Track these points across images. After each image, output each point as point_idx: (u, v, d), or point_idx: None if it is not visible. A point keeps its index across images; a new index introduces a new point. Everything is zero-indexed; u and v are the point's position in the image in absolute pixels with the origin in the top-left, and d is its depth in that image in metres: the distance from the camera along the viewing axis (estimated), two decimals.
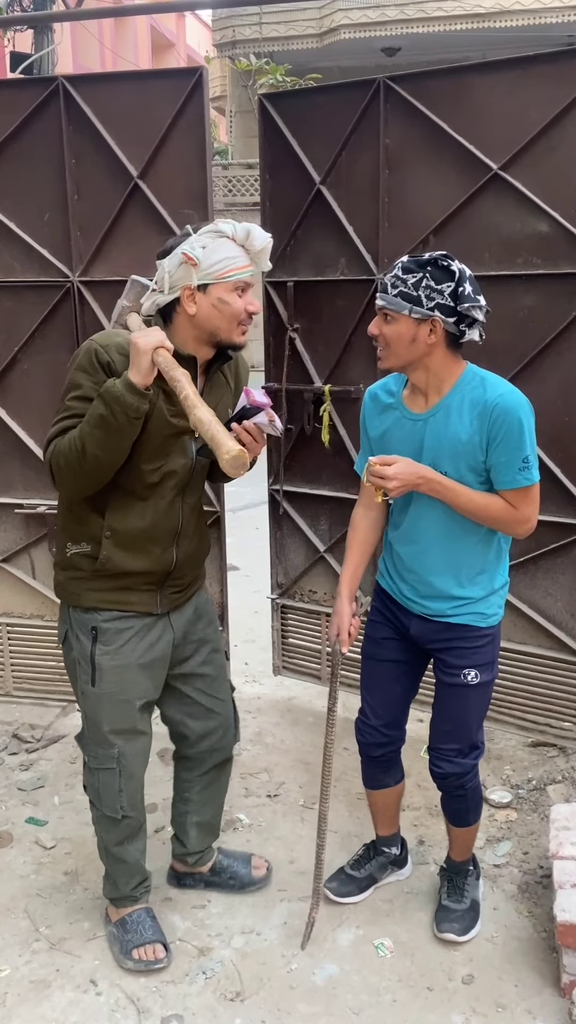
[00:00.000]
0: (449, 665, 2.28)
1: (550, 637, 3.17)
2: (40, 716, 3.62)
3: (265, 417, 1.99)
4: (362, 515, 2.37)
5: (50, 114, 3.18)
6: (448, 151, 2.98)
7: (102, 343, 2.01)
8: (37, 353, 3.38)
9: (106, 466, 2.00)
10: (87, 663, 2.20)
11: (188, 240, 2.00)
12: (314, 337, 3.40)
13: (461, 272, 2.01)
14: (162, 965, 2.32)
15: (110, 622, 2.19)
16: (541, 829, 2.83)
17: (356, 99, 3.10)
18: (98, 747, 2.27)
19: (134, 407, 1.91)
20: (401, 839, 2.68)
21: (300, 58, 14.37)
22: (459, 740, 2.31)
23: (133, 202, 3.19)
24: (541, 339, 2.95)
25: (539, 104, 2.82)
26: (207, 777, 2.51)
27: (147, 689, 2.27)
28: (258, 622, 4.18)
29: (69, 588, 2.21)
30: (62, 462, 2.00)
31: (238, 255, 1.99)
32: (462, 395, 2.09)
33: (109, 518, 2.11)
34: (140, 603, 2.20)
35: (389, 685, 2.41)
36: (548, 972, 2.29)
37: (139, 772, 2.33)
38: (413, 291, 2.00)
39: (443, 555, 2.20)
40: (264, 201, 3.40)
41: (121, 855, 2.36)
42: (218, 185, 13.63)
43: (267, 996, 2.25)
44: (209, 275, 1.98)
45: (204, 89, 3.06)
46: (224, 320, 2.02)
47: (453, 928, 2.41)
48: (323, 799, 2.42)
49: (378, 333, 2.09)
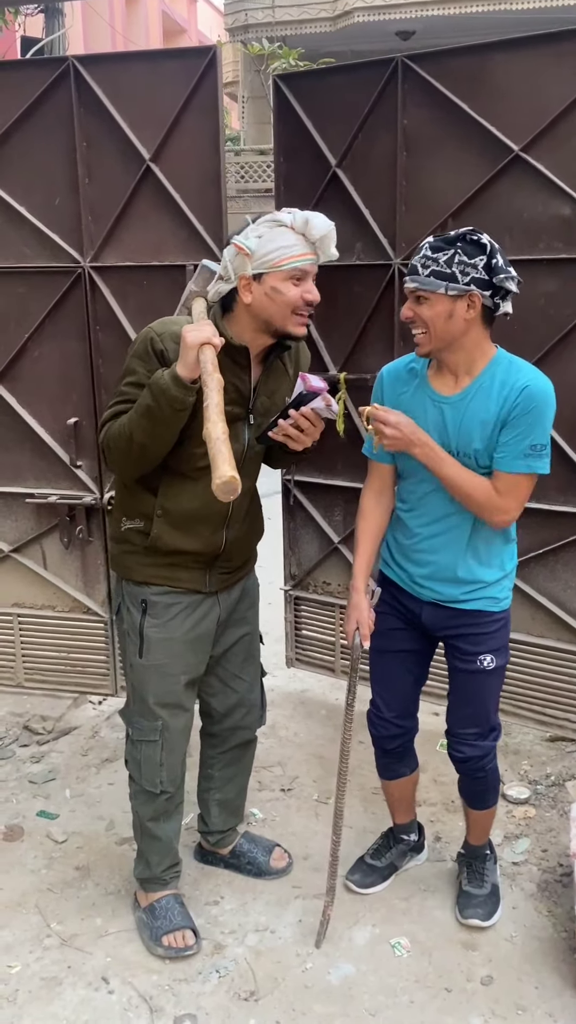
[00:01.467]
0: (464, 652, 2.26)
1: (570, 630, 3.11)
2: (51, 708, 3.59)
3: (322, 402, 1.98)
4: (373, 501, 2.33)
5: (60, 96, 3.11)
6: (468, 132, 2.90)
7: (158, 331, 2.05)
8: (48, 340, 3.32)
9: (152, 453, 2.06)
10: (136, 635, 2.26)
11: (245, 230, 2.01)
12: (329, 324, 3.33)
13: (492, 245, 1.99)
14: (192, 952, 2.32)
15: (160, 596, 2.23)
16: (560, 826, 2.77)
17: (373, 79, 3.02)
18: (143, 719, 2.30)
19: (180, 400, 1.94)
20: (418, 824, 2.67)
21: (313, 42, 14.18)
22: (479, 724, 2.31)
23: (145, 185, 3.12)
24: (563, 325, 2.87)
25: (562, 83, 2.74)
26: (229, 755, 2.55)
27: (191, 665, 2.30)
28: (271, 614, 4.12)
29: (122, 561, 2.27)
30: (112, 446, 2.08)
31: (295, 243, 1.98)
32: (492, 376, 2.07)
33: (161, 497, 2.16)
34: (190, 580, 2.24)
35: (400, 676, 2.39)
36: (569, 973, 2.24)
37: (180, 748, 2.35)
38: (447, 268, 1.97)
39: (463, 534, 2.18)
40: (278, 184, 3.33)
41: (155, 831, 2.38)
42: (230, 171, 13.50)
43: (282, 996, 2.21)
44: (264, 264, 1.98)
45: (218, 69, 2.98)
46: (278, 309, 2.01)
47: (477, 913, 2.40)
48: (339, 795, 2.38)
49: (413, 316, 2.05)
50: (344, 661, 3.58)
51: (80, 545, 3.47)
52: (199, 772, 2.61)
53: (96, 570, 3.50)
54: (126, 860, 2.72)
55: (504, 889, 2.53)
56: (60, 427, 3.37)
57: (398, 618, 2.34)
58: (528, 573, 3.13)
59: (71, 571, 3.53)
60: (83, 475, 3.39)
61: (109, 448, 2.10)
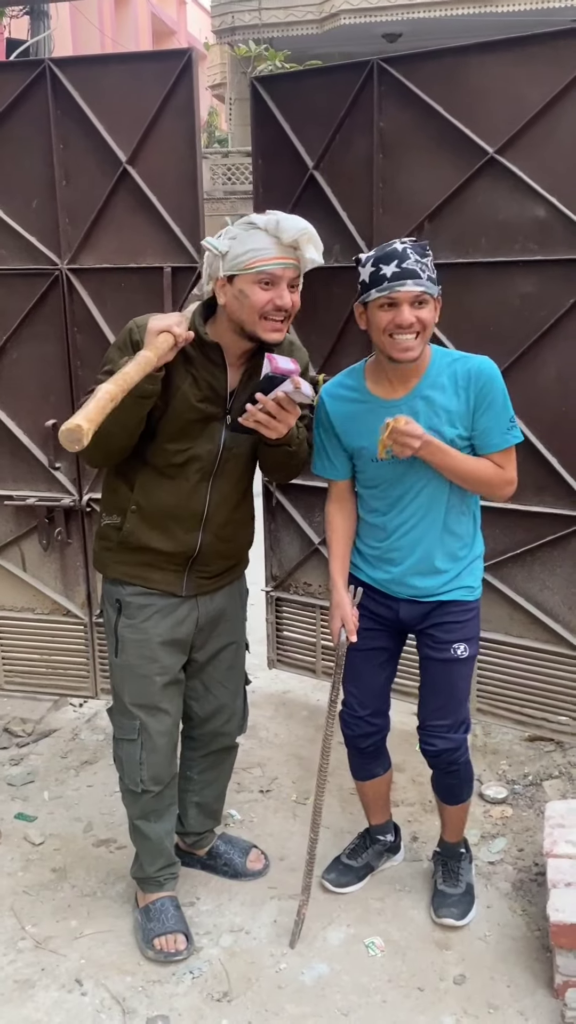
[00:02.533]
0: (438, 640, 2.30)
1: (547, 631, 3.12)
2: (31, 710, 3.58)
3: (290, 384, 1.93)
4: (336, 509, 2.38)
5: (37, 98, 3.11)
6: (443, 134, 2.91)
7: (139, 323, 2.06)
8: (26, 342, 3.32)
9: (116, 440, 2.04)
10: (112, 634, 2.28)
11: (222, 231, 2.02)
12: (308, 325, 3.32)
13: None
14: (181, 957, 2.32)
15: (133, 596, 2.24)
16: (537, 825, 2.78)
17: (349, 82, 3.03)
18: (122, 717, 2.33)
19: (139, 386, 1.92)
20: (394, 825, 2.69)
21: (300, 44, 14.22)
22: (450, 715, 2.33)
23: (122, 188, 3.12)
24: (538, 326, 2.88)
25: (537, 86, 2.75)
26: (208, 760, 2.55)
27: (166, 667, 2.29)
28: (253, 615, 4.12)
29: (99, 558, 2.30)
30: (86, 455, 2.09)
31: (267, 247, 1.96)
32: (439, 371, 2.15)
33: (136, 493, 2.17)
34: (163, 582, 2.23)
35: (373, 674, 2.42)
36: (541, 972, 2.25)
37: (164, 749, 2.34)
38: (433, 273, 2.07)
39: (435, 528, 2.23)
40: (257, 186, 3.34)
41: (145, 830, 2.39)
42: (218, 173, 13.52)
43: (254, 996, 2.21)
44: (235, 266, 1.98)
45: (194, 71, 2.98)
46: (245, 312, 2.00)
47: (452, 913, 2.41)
48: (319, 792, 2.39)
49: (415, 321, 2.05)
50: (325, 662, 3.59)
51: (59, 547, 3.46)
52: (179, 773, 2.59)
53: (75, 572, 3.49)
54: (103, 862, 2.72)
55: (479, 888, 2.54)
56: (38, 429, 3.37)
57: (370, 618, 2.36)
58: (506, 573, 3.14)
59: (50, 573, 3.53)
60: (62, 477, 3.39)
61: (89, 455, 2.11)
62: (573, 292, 2.81)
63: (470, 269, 2.94)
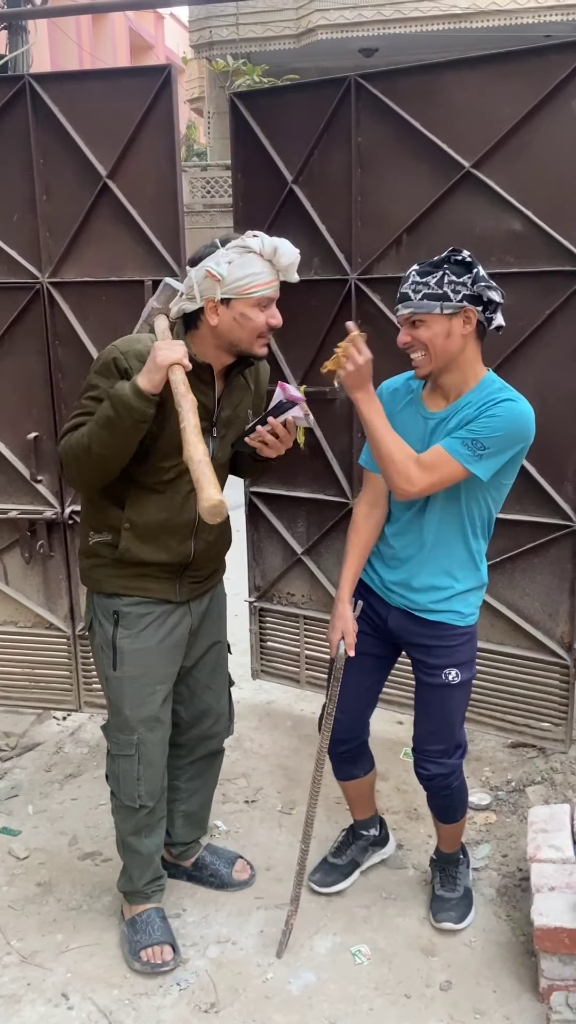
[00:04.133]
0: (430, 666, 2.29)
1: (528, 637, 3.15)
2: (14, 724, 3.56)
3: (300, 411, 2.05)
4: (366, 513, 2.36)
5: (17, 113, 3.13)
6: (420, 149, 2.96)
7: (123, 350, 2.09)
8: (7, 355, 3.32)
9: (110, 464, 2.08)
10: (109, 647, 2.26)
11: (215, 255, 2.04)
12: (289, 338, 3.36)
13: (474, 261, 2.08)
14: (168, 968, 2.32)
15: (131, 607, 2.25)
16: (520, 831, 2.80)
17: (327, 97, 3.07)
18: (120, 732, 2.31)
19: (140, 411, 1.98)
20: (379, 819, 2.70)
21: (278, 59, 14.31)
22: (444, 740, 2.33)
23: (103, 202, 3.14)
24: (515, 338, 2.92)
25: (511, 101, 2.80)
26: (196, 766, 2.56)
27: (167, 675, 2.32)
28: (236, 625, 4.12)
29: (92, 575, 2.29)
30: (70, 456, 2.10)
31: (263, 271, 2.03)
32: (480, 395, 2.13)
33: (128, 510, 2.18)
34: (160, 590, 2.25)
35: (358, 679, 2.41)
36: (526, 977, 2.27)
37: (159, 762, 2.36)
38: (438, 289, 2.05)
39: (439, 544, 2.23)
40: (237, 201, 3.37)
41: (136, 846, 2.38)
42: (197, 186, 13.57)
43: (242, 1007, 2.21)
44: (232, 290, 2.03)
45: (173, 87, 3.01)
46: (245, 333, 2.08)
47: (450, 917, 2.43)
48: (311, 803, 2.40)
49: (410, 340, 2.11)
50: (309, 672, 3.60)
51: (41, 560, 3.46)
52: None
53: (58, 585, 3.49)
54: (88, 875, 2.71)
55: None
56: (20, 442, 3.37)
57: (366, 623, 2.38)
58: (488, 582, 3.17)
59: (33, 586, 3.52)
60: (44, 490, 3.39)
61: (67, 459, 2.12)
62: (550, 304, 2.86)
63: None
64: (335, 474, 3.36)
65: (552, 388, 2.90)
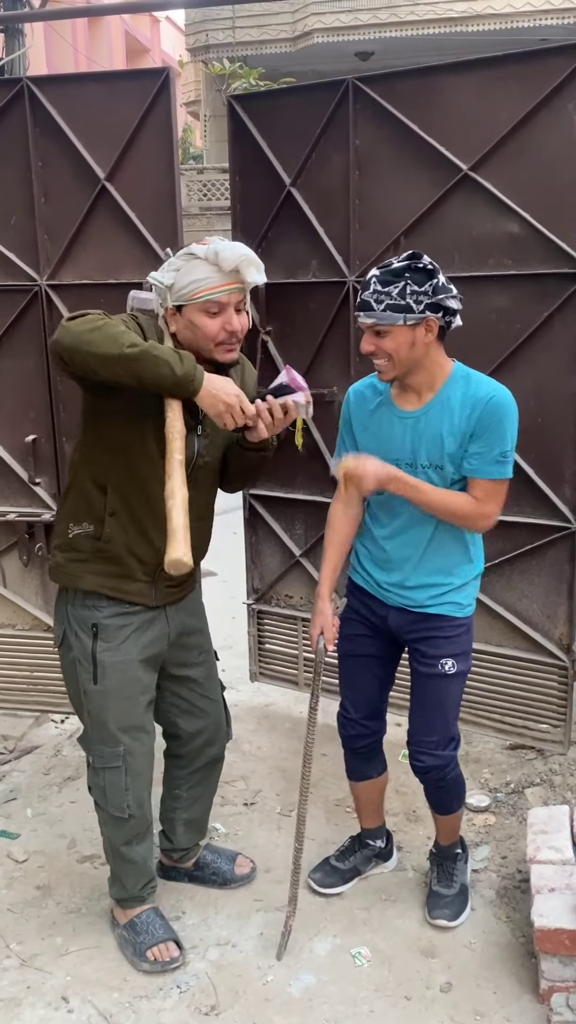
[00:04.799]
0: (426, 655, 2.31)
1: (526, 639, 3.16)
2: (12, 727, 3.56)
3: (303, 397, 2.05)
4: (341, 512, 2.38)
5: (15, 116, 3.13)
6: (418, 152, 2.97)
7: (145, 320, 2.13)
8: (5, 358, 3.32)
9: (113, 373, 1.93)
10: (88, 661, 2.22)
11: (164, 264, 2.07)
12: (287, 340, 3.37)
13: (435, 268, 2.07)
14: (178, 964, 2.32)
15: (110, 618, 2.21)
16: (519, 833, 2.81)
17: (325, 100, 3.08)
18: (103, 745, 2.27)
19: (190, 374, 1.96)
20: (386, 832, 2.70)
21: (274, 62, 14.35)
22: (437, 731, 2.34)
23: (101, 205, 3.15)
24: (513, 340, 2.93)
25: (509, 104, 2.81)
26: (197, 775, 2.55)
27: (148, 686, 2.31)
28: (235, 628, 4.14)
29: (69, 570, 2.22)
30: (92, 334, 1.91)
31: (208, 276, 2.02)
32: (453, 390, 2.16)
33: (111, 498, 2.15)
34: (137, 593, 2.22)
35: (367, 679, 2.44)
36: (527, 978, 2.27)
37: (145, 771, 2.35)
38: (400, 300, 2.04)
39: (428, 542, 2.25)
40: (235, 204, 3.37)
41: (129, 855, 2.37)
42: (193, 189, 13.59)
43: (242, 1009, 2.21)
44: (181, 297, 2.04)
45: (171, 90, 3.02)
46: (198, 341, 2.08)
47: (444, 914, 2.44)
48: (302, 801, 2.40)
49: (374, 350, 2.12)
50: (308, 674, 3.60)
51: (39, 563, 3.46)
52: (164, 793, 2.60)
53: (56, 588, 3.48)
54: (87, 878, 2.71)
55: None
56: (18, 444, 3.37)
57: (364, 624, 2.39)
58: (485, 583, 3.16)
59: (31, 589, 3.52)
60: (42, 492, 3.39)
61: (85, 331, 1.91)
62: (547, 306, 2.87)
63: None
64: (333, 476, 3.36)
65: (550, 390, 2.91)
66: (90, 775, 2.35)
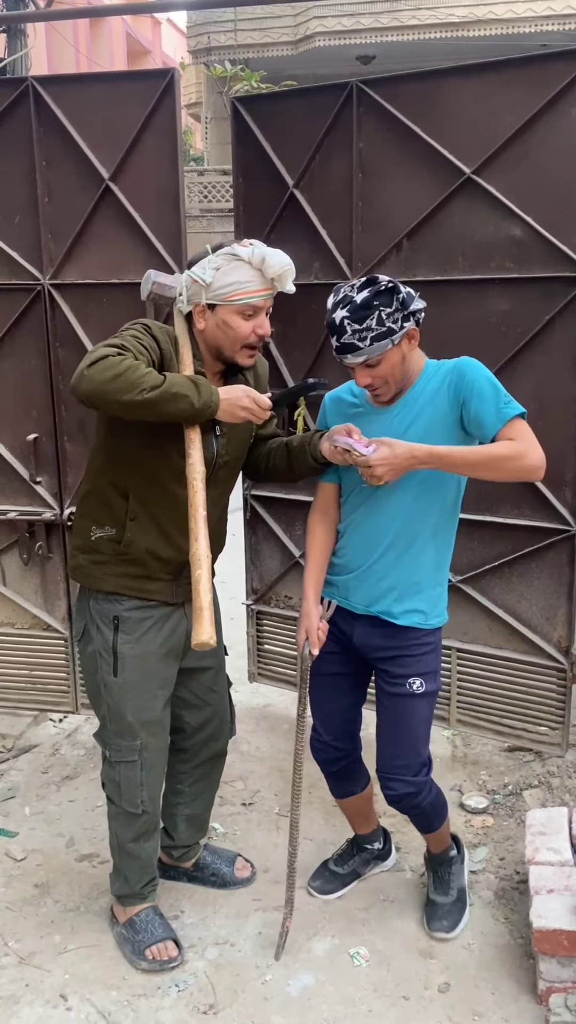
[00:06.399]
0: (393, 675, 2.26)
1: (525, 641, 3.16)
2: (11, 726, 3.56)
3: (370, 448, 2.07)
4: (319, 519, 2.37)
5: (20, 116, 3.14)
6: (421, 155, 2.98)
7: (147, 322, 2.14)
8: (7, 357, 3.33)
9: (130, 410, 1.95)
10: (108, 653, 2.24)
11: (203, 261, 2.08)
12: (288, 341, 3.38)
13: (394, 283, 2.07)
14: (176, 963, 2.33)
15: (131, 611, 2.23)
16: (517, 834, 2.81)
17: (329, 103, 3.09)
18: (120, 739, 2.29)
19: (209, 402, 2.00)
20: (383, 831, 2.69)
21: (275, 65, 14.36)
22: (406, 756, 2.27)
23: (104, 204, 3.15)
24: (514, 343, 2.94)
25: (512, 108, 2.82)
26: (200, 770, 2.56)
27: (168, 680, 2.32)
28: (234, 628, 4.14)
29: (91, 572, 2.25)
30: (106, 366, 1.92)
31: (251, 280, 2.05)
32: (430, 379, 2.17)
33: (133, 502, 2.17)
34: (158, 592, 2.25)
35: (336, 698, 2.40)
36: (525, 979, 2.27)
37: (160, 766, 2.36)
38: (381, 327, 2.04)
39: (399, 553, 2.21)
40: (238, 205, 3.38)
41: (136, 852, 2.38)
42: (194, 191, 13.60)
43: (241, 1008, 2.21)
44: (217, 296, 2.06)
45: (176, 91, 3.03)
46: (228, 341, 2.11)
47: (443, 926, 2.43)
48: (294, 805, 2.39)
49: (371, 381, 2.13)
50: None
51: (40, 562, 3.46)
52: (166, 788, 2.59)
53: (56, 587, 3.49)
54: (86, 877, 2.71)
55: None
56: (19, 443, 3.37)
57: (334, 642, 2.34)
58: (484, 585, 3.19)
59: (31, 588, 3.52)
60: (43, 491, 3.39)
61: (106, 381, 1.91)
62: (549, 309, 2.88)
63: (448, 287, 3.00)
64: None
65: (551, 393, 2.92)
66: (105, 769, 2.37)
